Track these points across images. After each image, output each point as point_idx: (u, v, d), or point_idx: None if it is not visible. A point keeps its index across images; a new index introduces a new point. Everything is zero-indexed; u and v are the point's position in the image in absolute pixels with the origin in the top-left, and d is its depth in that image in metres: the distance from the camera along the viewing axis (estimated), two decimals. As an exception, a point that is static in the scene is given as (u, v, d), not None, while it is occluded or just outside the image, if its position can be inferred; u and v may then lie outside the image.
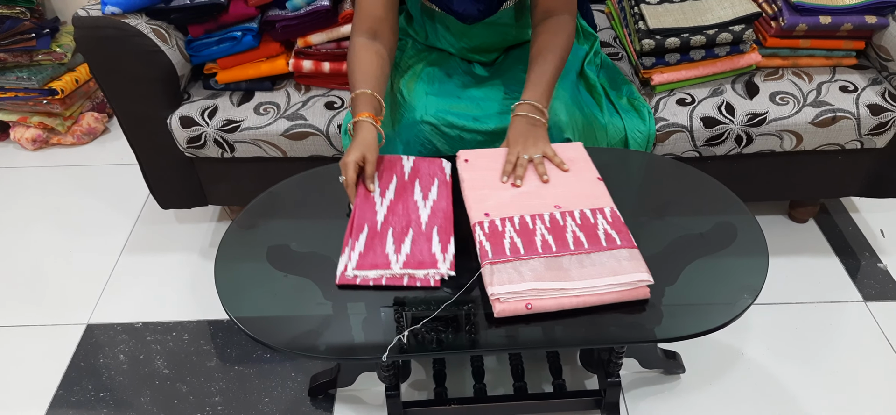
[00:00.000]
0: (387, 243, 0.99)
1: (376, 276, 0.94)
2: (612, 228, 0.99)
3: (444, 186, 1.11)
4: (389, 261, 0.96)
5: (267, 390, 1.37)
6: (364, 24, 1.21)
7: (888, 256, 1.63)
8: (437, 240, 1.00)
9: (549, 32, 1.21)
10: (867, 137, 1.42)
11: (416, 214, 1.05)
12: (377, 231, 1.01)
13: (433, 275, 0.95)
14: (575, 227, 0.99)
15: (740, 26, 1.40)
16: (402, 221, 1.03)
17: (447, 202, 1.08)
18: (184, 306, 1.56)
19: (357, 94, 1.14)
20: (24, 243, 1.78)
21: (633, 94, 1.44)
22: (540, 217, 1.01)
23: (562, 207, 1.03)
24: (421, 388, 1.36)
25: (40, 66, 2.00)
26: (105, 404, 1.36)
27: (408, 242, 0.99)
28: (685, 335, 0.91)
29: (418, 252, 0.98)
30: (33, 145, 2.11)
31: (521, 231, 0.99)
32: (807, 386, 1.34)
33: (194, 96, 1.50)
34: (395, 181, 1.11)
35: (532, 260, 0.94)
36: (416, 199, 1.08)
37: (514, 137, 1.14)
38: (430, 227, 1.02)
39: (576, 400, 1.26)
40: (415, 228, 1.02)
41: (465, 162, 1.14)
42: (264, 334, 0.92)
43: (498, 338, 0.90)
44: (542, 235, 0.98)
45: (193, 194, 1.60)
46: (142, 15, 1.41)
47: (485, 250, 0.95)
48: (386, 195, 1.08)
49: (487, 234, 0.98)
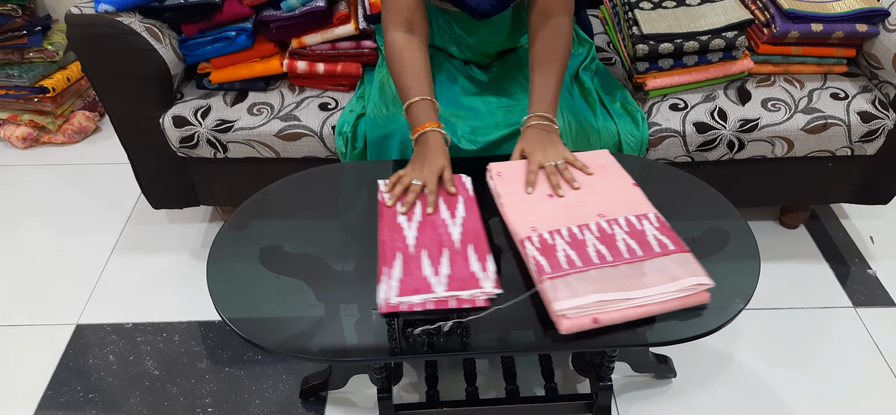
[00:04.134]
0: (423, 266, 0.96)
1: (421, 300, 0.91)
2: (661, 233, 0.97)
3: (469, 202, 1.08)
4: (430, 284, 0.92)
5: (258, 392, 1.36)
6: (399, 16, 1.17)
7: (878, 262, 1.64)
8: (475, 258, 0.97)
9: (550, 38, 1.19)
10: (858, 143, 1.43)
11: (447, 233, 1.02)
12: (411, 254, 0.98)
13: (479, 295, 0.92)
14: (624, 235, 0.97)
15: (733, 33, 1.41)
16: (434, 242, 1.00)
17: (476, 218, 1.04)
18: (174, 307, 1.55)
19: (415, 102, 1.12)
20: (14, 242, 1.76)
21: (626, 98, 1.45)
22: (587, 227, 0.99)
23: (606, 216, 1.01)
24: (412, 390, 1.35)
25: (31, 63, 1.99)
26: (94, 405, 1.35)
27: (445, 262, 0.96)
28: (677, 339, 0.92)
29: (458, 272, 0.95)
30: (24, 144, 2.09)
31: (572, 243, 0.96)
32: (796, 391, 1.35)
33: (187, 96, 1.49)
34: (419, 203, 1.07)
35: (590, 272, 0.90)
36: (444, 217, 1.05)
37: (531, 148, 1.11)
38: (465, 245, 0.99)
39: (567, 404, 1.26)
40: (449, 247, 0.99)
41: (497, 175, 1.10)
42: (256, 335, 0.91)
43: (490, 341, 0.90)
44: (593, 245, 0.95)
45: (186, 194, 1.59)
46: (135, 13, 1.40)
47: (541, 265, 0.91)
48: (412, 217, 1.04)
49: (539, 248, 0.95)
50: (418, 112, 1.12)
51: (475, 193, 1.10)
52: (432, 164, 1.08)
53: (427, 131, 1.10)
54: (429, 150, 1.09)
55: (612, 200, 1.04)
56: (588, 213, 1.02)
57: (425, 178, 1.07)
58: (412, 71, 1.15)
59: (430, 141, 1.10)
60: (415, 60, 1.16)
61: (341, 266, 1.04)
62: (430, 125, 1.10)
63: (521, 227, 1.00)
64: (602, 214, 1.01)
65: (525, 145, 1.13)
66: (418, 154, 1.11)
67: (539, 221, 1.00)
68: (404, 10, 1.17)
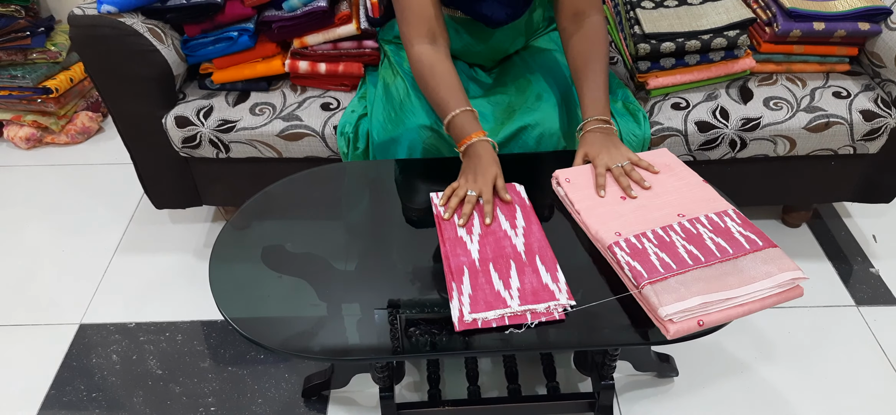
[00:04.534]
0: (493, 281, 0.94)
1: (497, 316, 0.90)
2: (746, 229, 0.96)
3: (528, 211, 1.07)
4: (504, 299, 0.91)
5: (260, 391, 1.37)
6: (421, 28, 1.16)
7: (880, 261, 1.64)
8: (544, 269, 0.96)
9: (587, 40, 1.20)
10: (860, 142, 1.43)
11: (510, 244, 1.00)
12: (477, 269, 0.96)
13: (555, 307, 0.91)
14: (710, 234, 0.96)
15: (735, 31, 1.40)
16: (499, 255, 0.99)
17: (538, 227, 1.03)
18: (177, 307, 1.55)
19: (456, 115, 1.12)
20: (17, 243, 1.77)
21: (628, 98, 1.45)
22: (671, 228, 0.97)
23: (686, 215, 1.00)
24: (415, 389, 1.36)
25: (35, 64, 1.99)
26: (97, 405, 1.36)
27: (514, 275, 0.95)
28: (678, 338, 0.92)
29: (530, 285, 0.93)
30: (27, 144, 2.10)
31: (661, 246, 0.94)
32: (799, 390, 1.35)
33: (190, 96, 1.50)
34: (476, 215, 1.06)
35: (687, 274, 0.89)
36: (505, 228, 1.03)
37: (595, 151, 1.11)
38: (531, 256, 0.98)
39: (569, 403, 1.26)
40: (515, 260, 0.98)
41: (566, 181, 1.08)
42: (258, 335, 0.92)
43: (492, 340, 0.90)
44: (682, 246, 0.94)
45: (188, 194, 1.59)
46: (138, 14, 1.41)
47: (638, 271, 0.90)
48: (472, 231, 1.03)
49: (630, 253, 0.93)
50: (462, 124, 1.12)
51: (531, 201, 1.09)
52: (485, 173, 1.07)
53: (475, 141, 1.10)
54: (480, 159, 1.08)
55: (688, 198, 1.04)
56: (668, 214, 1.00)
57: (480, 188, 1.06)
58: (446, 84, 1.15)
59: (480, 150, 1.09)
60: (446, 72, 1.16)
61: (343, 266, 1.04)
62: (478, 135, 1.10)
63: (605, 233, 0.98)
64: (682, 214, 1.00)
65: (588, 150, 1.12)
66: (469, 165, 1.10)
67: (622, 225, 0.98)
68: (426, 21, 1.17)
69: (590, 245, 1.02)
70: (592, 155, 1.11)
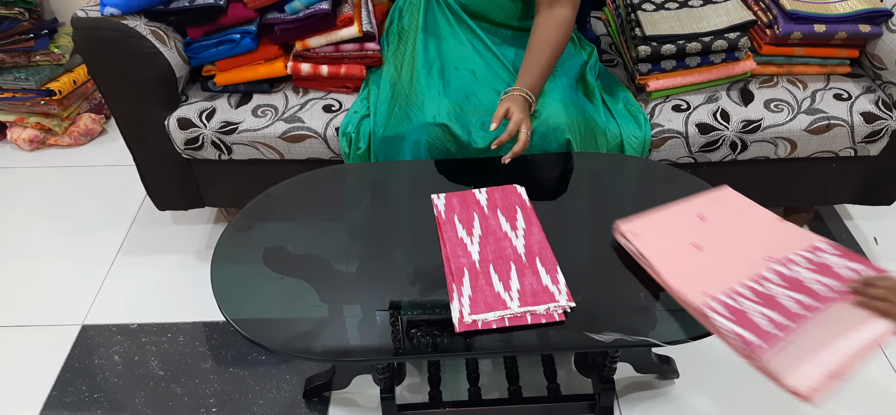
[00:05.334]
0: (493, 282, 0.95)
1: (497, 317, 0.90)
2: (848, 259, 0.90)
3: (528, 213, 1.08)
4: (504, 300, 0.92)
5: (262, 392, 1.37)
6: None
7: (881, 262, 1.63)
8: (544, 271, 0.96)
9: (551, 27, 1.27)
10: (861, 144, 1.43)
11: (511, 246, 1.01)
12: (478, 271, 0.97)
13: (555, 309, 0.91)
14: (811, 274, 0.89)
15: (735, 34, 1.41)
16: (499, 257, 0.99)
17: (538, 229, 1.04)
18: (179, 308, 1.56)
19: None
20: (20, 244, 1.77)
21: (629, 100, 1.45)
22: (764, 278, 0.89)
23: (776, 257, 0.92)
24: (415, 391, 1.36)
25: (38, 66, 2.00)
26: (99, 406, 1.36)
27: (514, 277, 0.95)
28: (680, 340, 0.92)
29: (529, 286, 0.94)
30: (30, 146, 2.11)
31: (762, 300, 0.86)
32: (800, 392, 1.35)
33: (192, 98, 1.50)
34: (476, 217, 1.07)
35: (806, 328, 0.81)
36: (506, 231, 1.04)
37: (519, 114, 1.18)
38: (531, 258, 0.99)
39: (570, 404, 1.26)
40: (516, 262, 0.98)
41: (632, 235, 0.99)
42: (260, 336, 0.92)
43: (493, 342, 0.91)
44: (786, 295, 0.86)
45: (190, 196, 1.60)
46: (141, 16, 1.41)
47: (750, 342, 0.81)
48: (473, 233, 1.04)
49: (731, 318, 0.84)
50: None
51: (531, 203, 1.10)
52: None
53: None
54: None
55: (772, 239, 0.96)
56: (755, 262, 0.92)
57: None
58: None
59: None
60: None
61: (345, 267, 1.04)
62: None
63: (692, 294, 0.88)
64: (769, 257, 0.92)
65: (511, 105, 1.20)
66: None
67: (709, 283, 0.89)
68: None
69: (593, 246, 1.03)
70: (512, 111, 1.19)
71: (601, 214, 1.18)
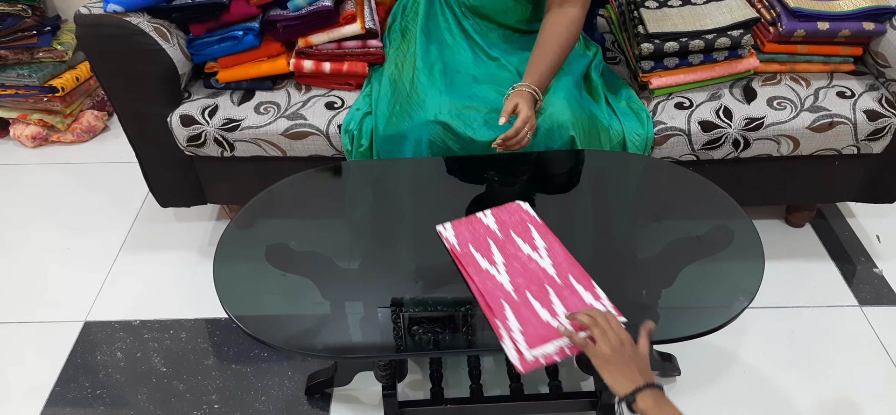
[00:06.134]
0: (537, 310, 0.91)
1: (556, 348, 0.86)
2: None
3: (543, 229, 1.04)
4: (556, 328, 0.88)
5: (264, 389, 1.37)
6: None
7: (884, 261, 1.64)
8: (582, 288, 0.93)
9: (561, 25, 1.28)
10: (864, 142, 1.42)
11: (539, 268, 0.97)
12: (516, 300, 0.92)
13: None
14: None
15: (739, 31, 1.40)
16: (531, 281, 0.95)
17: (559, 245, 1.00)
18: (182, 305, 1.56)
19: None
20: (23, 240, 1.78)
21: (631, 97, 1.45)
22: None
23: None
24: (417, 388, 1.36)
25: (41, 63, 2.01)
26: (102, 402, 1.36)
27: (556, 301, 0.92)
28: (681, 337, 0.92)
29: (575, 307, 0.90)
30: (33, 143, 2.11)
31: None
32: (802, 390, 1.35)
33: (195, 95, 1.50)
34: (492, 244, 1.02)
35: None
36: (527, 253, 1.00)
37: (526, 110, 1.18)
38: (564, 276, 0.95)
39: (572, 401, 1.26)
40: (551, 284, 0.94)
41: None
42: (262, 333, 0.92)
43: (495, 339, 0.91)
44: None
45: (193, 193, 1.60)
46: (143, 13, 1.41)
47: None
48: (495, 261, 0.99)
49: None
50: None
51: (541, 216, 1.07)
52: None
53: None
54: None
55: None
56: None
57: None
58: None
59: None
60: None
61: (347, 264, 1.05)
62: None
63: None
64: None
65: (519, 101, 1.20)
66: None
67: None
68: None
69: (596, 243, 1.02)
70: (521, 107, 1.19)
71: (604, 212, 1.18)
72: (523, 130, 1.16)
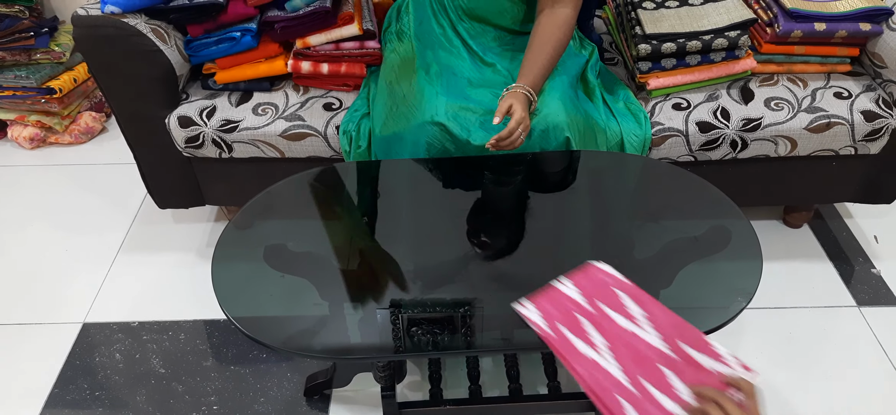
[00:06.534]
0: (658, 399, 0.79)
1: None
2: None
3: (635, 292, 0.91)
4: None
5: (263, 390, 1.37)
6: None
7: (882, 261, 1.64)
8: (697, 353, 0.81)
9: (553, 25, 1.28)
10: (861, 143, 1.43)
11: (643, 343, 0.84)
12: (630, 391, 0.80)
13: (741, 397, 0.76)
14: None
15: (736, 32, 1.41)
16: (642, 363, 0.82)
17: (659, 307, 0.88)
18: (180, 306, 1.56)
19: None
20: (21, 242, 1.77)
21: (629, 98, 1.45)
22: None
23: None
24: (416, 389, 1.36)
25: (38, 64, 2.00)
26: (100, 403, 1.36)
27: (675, 380, 0.80)
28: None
29: (700, 382, 0.79)
30: (31, 144, 2.11)
31: None
32: (799, 390, 1.35)
33: (193, 96, 1.50)
34: (584, 321, 0.89)
35: None
36: (625, 326, 0.87)
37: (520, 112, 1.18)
38: (675, 346, 0.83)
39: (571, 402, 1.26)
40: (661, 360, 0.82)
41: None
42: (261, 334, 0.92)
43: (494, 340, 0.91)
44: None
45: (191, 194, 1.60)
46: (141, 14, 1.41)
47: None
48: (594, 343, 0.86)
49: None
50: None
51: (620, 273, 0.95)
52: None
53: None
54: None
55: None
56: None
57: None
58: None
59: None
60: None
61: (345, 265, 1.05)
62: None
63: None
64: None
65: (513, 102, 1.20)
66: None
67: None
68: None
69: (593, 245, 1.02)
70: (515, 108, 1.19)
71: (602, 213, 1.19)
72: (517, 131, 1.16)
